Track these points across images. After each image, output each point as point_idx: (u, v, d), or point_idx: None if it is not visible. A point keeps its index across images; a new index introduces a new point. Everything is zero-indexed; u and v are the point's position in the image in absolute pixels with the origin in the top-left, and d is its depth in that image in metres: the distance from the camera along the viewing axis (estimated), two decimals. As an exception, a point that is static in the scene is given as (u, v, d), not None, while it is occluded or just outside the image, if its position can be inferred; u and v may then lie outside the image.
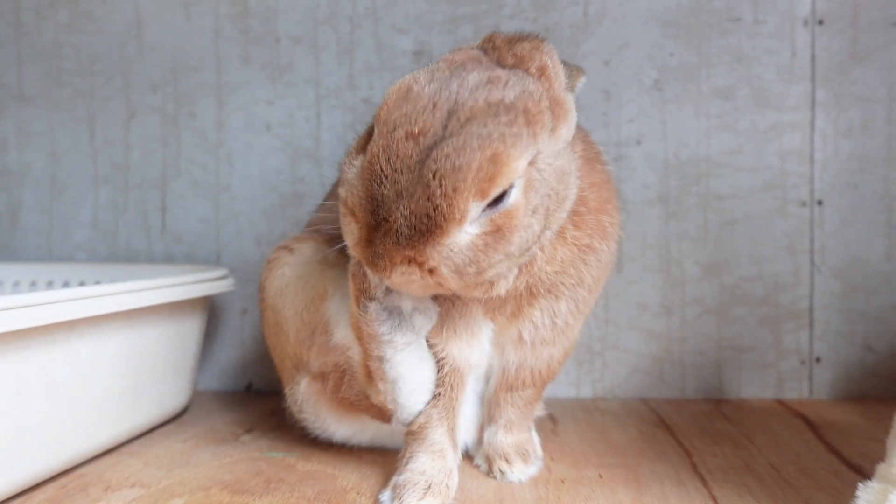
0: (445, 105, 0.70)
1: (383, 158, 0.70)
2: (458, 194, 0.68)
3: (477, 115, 0.70)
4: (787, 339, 1.39)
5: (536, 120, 0.72)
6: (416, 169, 0.69)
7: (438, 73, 0.74)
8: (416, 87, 0.73)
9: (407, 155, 0.69)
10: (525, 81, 0.74)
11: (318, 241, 1.03)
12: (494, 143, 0.68)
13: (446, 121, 0.70)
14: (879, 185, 1.37)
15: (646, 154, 1.40)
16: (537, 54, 0.77)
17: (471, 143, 0.68)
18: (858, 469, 0.98)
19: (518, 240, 0.73)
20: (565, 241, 0.84)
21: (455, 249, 0.70)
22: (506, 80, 0.73)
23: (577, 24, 1.40)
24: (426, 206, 0.68)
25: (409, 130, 0.70)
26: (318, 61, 1.44)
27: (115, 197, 1.49)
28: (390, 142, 0.70)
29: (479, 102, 0.71)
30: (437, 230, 0.68)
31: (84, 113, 1.49)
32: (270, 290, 1.02)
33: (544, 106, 0.74)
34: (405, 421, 0.91)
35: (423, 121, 0.70)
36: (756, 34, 1.38)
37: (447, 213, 0.68)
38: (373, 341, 0.86)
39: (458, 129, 0.69)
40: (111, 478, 0.96)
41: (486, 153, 0.68)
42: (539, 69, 0.76)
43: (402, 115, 0.71)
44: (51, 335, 0.89)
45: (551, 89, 0.76)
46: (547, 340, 0.93)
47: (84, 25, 1.49)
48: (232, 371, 1.48)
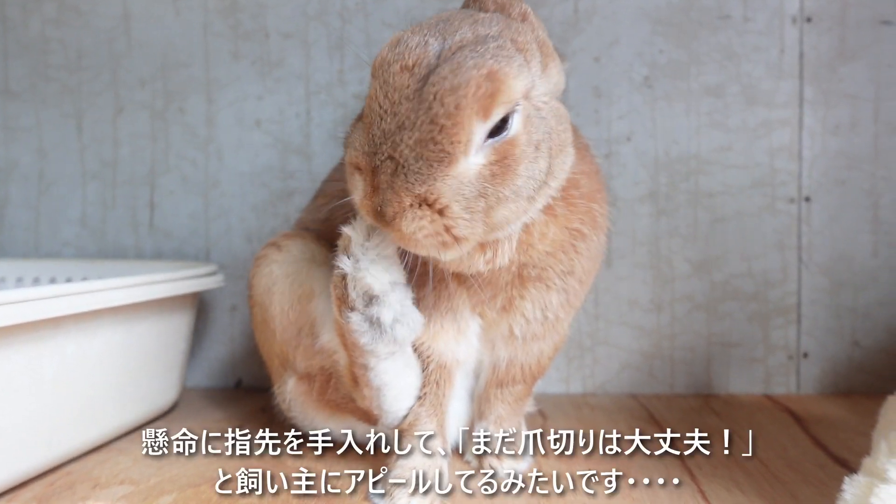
0: (436, 42, 0.73)
1: (381, 94, 0.71)
2: (460, 111, 0.68)
3: (467, 44, 0.72)
4: (775, 334, 1.40)
5: (526, 48, 0.75)
6: (414, 97, 0.70)
7: (426, 24, 0.76)
8: (405, 35, 0.75)
9: (404, 86, 0.70)
10: (508, 21, 0.77)
11: (306, 239, 1.02)
12: (489, 62, 0.70)
13: (438, 52, 0.72)
14: (866, 182, 1.38)
15: (636, 151, 1.40)
16: (517, 3, 0.80)
17: (465, 63, 0.70)
18: (844, 463, 0.99)
19: (524, 171, 0.73)
20: (556, 219, 0.84)
21: (464, 181, 0.70)
22: (490, 20, 0.76)
23: (568, 20, 1.40)
24: (430, 129, 0.68)
25: (404, 63, 0.71)
26: (308, 57, 1.44)
27: (103, 193, 1.48)
28: (386, 77, 0.72)
29: (468, 35, 0.73)
30: (444, 158, 0.69)
31: (72, 108, 1.48)
32: (258, 287, 1.01)
33: (530, 39, 0.76)
34: (390, 425, 0.91)
35: (415, 54, 0.72)
36: (745, 32, 1.38)
37: (453, 134, 0.68)
38: (356, 349, 0.85)
39: (451, 55, 0.71)
40: (99, 475, 0.96)
41: (483, 71, 0.69)
42: (521, 14, 0.79)
43: (395, 54, 0.73)
44: (37, 332, 0.88)
45: (535, 31, 0.79)
46: (538, 335, 0.93)
47: (71, 20, 1.47)
48: (221, 368, 1.48)
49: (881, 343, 1.39)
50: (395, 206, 0.69)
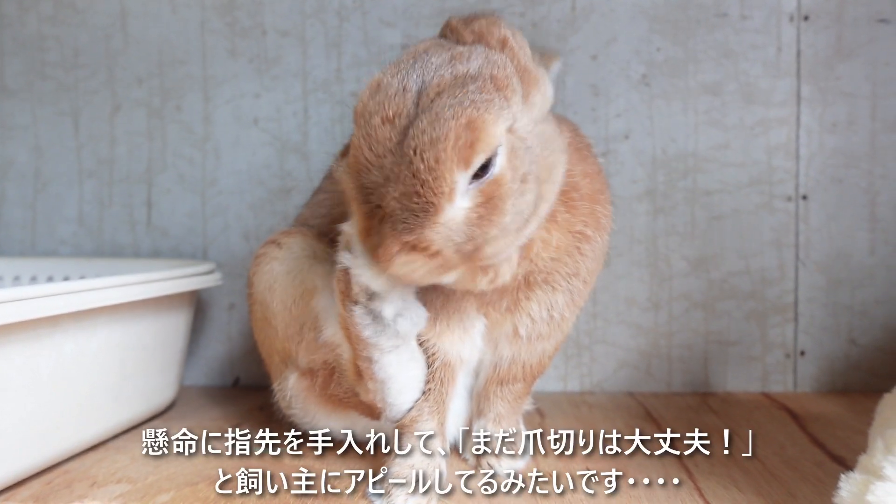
0: (414, 87, 0.72)
1: (365, 147, 0.72)
2: (441, 165, 0.68)
3: (445, 89, 0.71)
4: (772, 332, 1.40)
5: (505, 85, 0.73)
6: (396, 150, 0.70)
7: (404, 63, 0.76)
8: (384, 79, 0.75)
9: (386, 138, 0.71)
10: (487, 53, 0.76)
11: (306, 236, 1.02)
12: (467, 110, 0.69)
13: (417, 99, 0.72)
14: (863, 180, 1.39)
15: (633, 149, 1.40)
16: (495, 28, 0.78)
17: (443, 114, 0.69)
18: (841, 460, 0.99)
19: (512, 208, 0.73)
20: (558, 225, 0.85)
21: (452, 227, 0.70)
22: (468, 55, 0.75)
23: (565, 18, 1.40)
24: (413, 183, 0.69)
25: (384, 115, 0.72)
26: (305, 55, 1.44)
27: (100, 191, 1.47)
28: (368, 130, 0.72)
29: (445, 77, 0.72)
30: (430, 208, 0.69)
31: (68, 106, 1.48)
32: (259, 285, 1.01)
33: (511, 73, 0.75)
34: (395, 419, 0.91)
35: (395, 104, 0.72)
36: (742, 29, 1.39)
37: (435, 187, 0.69)
38: (360, 342, 0.85)
39: (429, 104, 0.71)
40: (97, 473, 0.95)
41: (461, 121, 0.69)
42: (500, 41, 0.77)
43: (376, 103, 0.73)
44: (35, 330, 0.88)
45: (516, 59, 0.77)
46: (543, 335, 0.93)
47: (68, 17, 1.47)
48: (219, 366, 1.48)
49: (878, 341, 1.39)
50: (387, 252, 0.71)
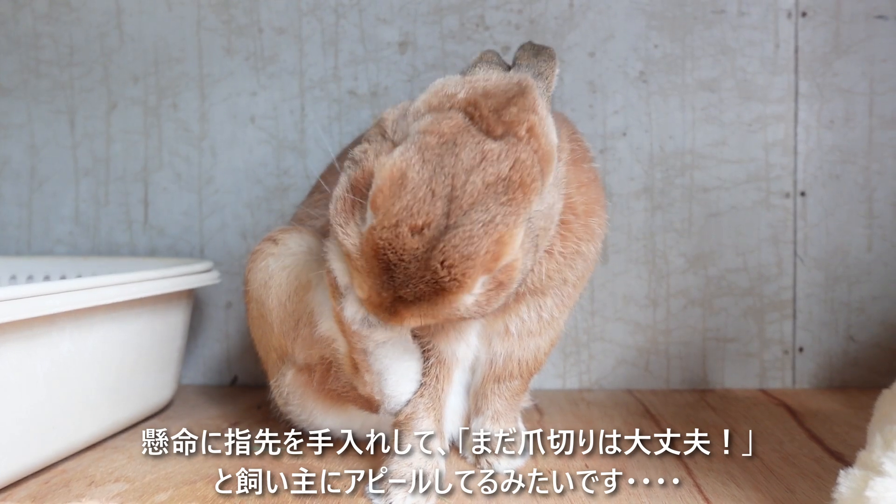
0: (444, 191, 0.71)
1: (389, 251, 0.71)
2: (467, 277, 0.71)
3: (478, 200, 0.71)
4: (770, 329, 1.40)
5: (531, 189, 0.74)
6: (422, 258, 0.71)
7: (429, 153, 0.73)
8: (410, 174, 0.72)
9: (413, 248, 0.71)
10: (517, 149, 0.74)
11: (303, 233, 1.02)
12: (499, 228, 0.71)
13: (447, 208, 0.71)
14: (861, 176, 1.39)
15: (631, 146, 1.40)
16: (525, 115, 0.76)
17: (477, 232, 0.70)
18: (840, 456, 0.99)
19: (516, 283, 0.77)
20: (552, 256, 0.87)
21: (462, 308, 0.74)
22: (499, 154, 0.73)
23: (563, 15, 1.40)
24: (435, 287, 0.71)
25: (413, 224, 0.71)
26: (302, 52, 1.43)
27: (96, 190, 1.47)
28: (394, 237, 0.71)
29: (478, 185, 0.72)
30: (444, 300, 0.72)
31: (64, 104, 1.47)
32: (254, 281, 1.01)
33: (536, 173, 0.75)
34: (393, 411, 0.91)
35: (424, 213, 0.71)
36: (740, 26, 1.38)
37: (457, 290, 0.72)
38: (354, 335, 0.86)
39: (462, 217, 0.71)
40: (95, 473, 0.95)
41: (493, 237, 0.71)
42: (528, 130, 0.76)
43: (403, 207, 0.71)
44: (32, 329, 0.88)
45: (539, 147, 0.76)
46: (533, 332, 0.94)
47: (62, 15, 1.46)
48: (217, 365, 1.47)
49: (876, 337, 1.39)
50: (397, 320, 0.74)
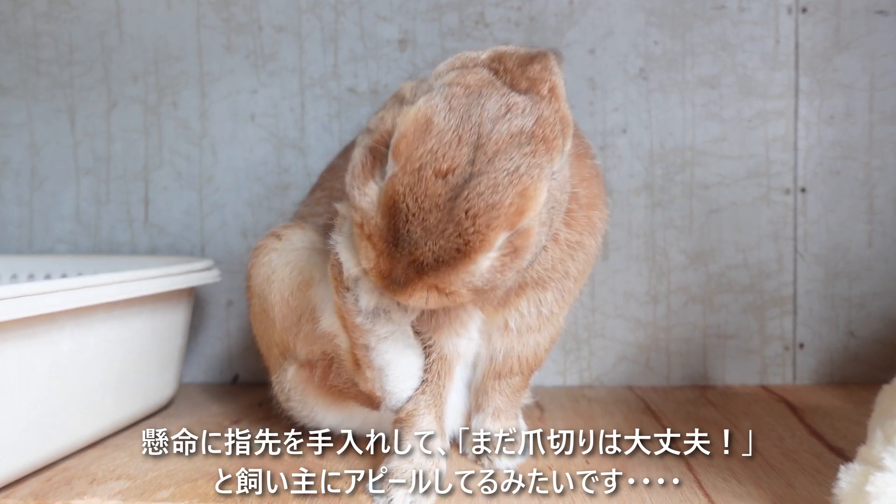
0: (470, 138, 0.71)
1: (410, 197, 0.70)
2: (490, 230, 0.70)
3: (502, 148, 0.71)
4: (771, 325, 1.40)
5: (553, 146, 0.74)
6: (445, 207, 0.70)
7: (456, 101, 0.73)
8: (436, 119, 0.72)
9: (436, 193, 0.70)
10: (540, 106, 0.75)
11: (306, 229, 1.02)
12: (523, 178, 0.71)
13: (473, 155, 0.71)
14: (861, 172, 1.39)
15: (631, 143, 1.40)
16: (547, 74, 0.78)
17: (502, 180, 0.70)
18: (840, 452, 0.99)
19: (530, 254, 0.76)
20: (557, 242, 0.86)
21: (476, 274, 0.72)
22: (523, 108, 0.74)
23: (562, 12, 1.40)
24: (457, 241, 0.70)
25: (437, 168, 0.70)
26: (302, 50, 1.43)
27: (96, 188, 1.47)
28: (417, 180, 0.70)
29: (503, 134, 0.72)
30: (465, 260, 0.70)
31: (64, 103, 1.47)
32: (257, 277, 1.01)
33: (558, 130, 0.76)
34: (394, 407, 0.91)
35: (450, 157, 0.70)
36: (740, 22, 1.38)
37: (478, 246, 0.70)
38: (356, 330, 0.86)
39: (486, 165, 0.70)
40: (96, 471, 0.95)
41: (517, 188, 0.70)
42: (550, 90, 0.77)
43: (427, 150, 0.71)
44: (32, 328, 0.88)
45: (559, 109, 0.77)
46: (533, 328, 0.94)
47: (62, 13, 1.46)
48: (218, 363, 1.47)
49: (876, 333, 1.39)
50: (406, 291, 0.72)
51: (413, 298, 0.73)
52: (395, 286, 0.72)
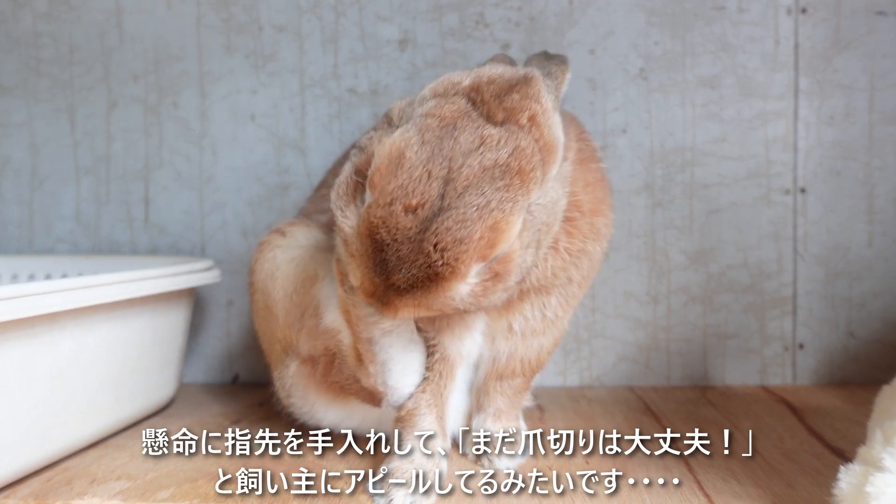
0: (440, 172, 0.71)
1: (383, 230, 0.71)
2: (460, 262, 0.70)
3: (473, 183, 0.71)
4: (771, 325, 1.40)
5: (530, 178, 0.74)
6: (416, 239, 0.70)
7: (429, 134, 0.73)
8: (408, 153, 0.72)
9: (406, 227, 0.70)
10: (517, 137, 0.74)
11: (310, 226, 1.03)
12: (494, 213, 0.71)
13: (443, 189, 0.71)
14: (861, 172, 1.39)
15: (631, 143, 1.40)
16: (527, 103, 0.76)
17: (471, 216, 0.70)
18: (840, 452, 0.99)
19: (515, 276, 0.76)
20: (557, 252, 0.86)
21: (457, 298, 0.73)
22: (497, 139, 0.73)
23: (562, 12, 1.40)
24: (428, 271, 0.70)
25: (407, 203, 0.71)
26: (302, 50, 1.43)
27: (96, 188, 1.47)
28: (388, 214, 0.71)
29: (474, 168, 0.71)
30: (438, 288, 0.71)
31: (64, 103, 1.47)
32: (260, 273, 1.01)
33: (536, 161, 0.74)
34: (396, 403, 0.91)
35: (419, 193, 0.71)
36: (740, 22, 1.38)
37: (449, 276, 0.71)
38: (361, 323, 0.86)
39: (456, 199, 0.70)
40: (97, 471, 0.95)
41: (488, 223, 0.70)
42: (530, 119, 0.76)
43: (398, 185, 0.71)
44: (33, 328, 0.88)
45: (541, 137, 0.76)
46: (537, 331, 0.94)
47: (62, 14, 1.46)
48: (218, 363, 1.47)
49: (876, 333, 1.40)
50: (390, 310, 0.73)
51: (399, 315, 0.74)
52: (380, 304, 0.73)
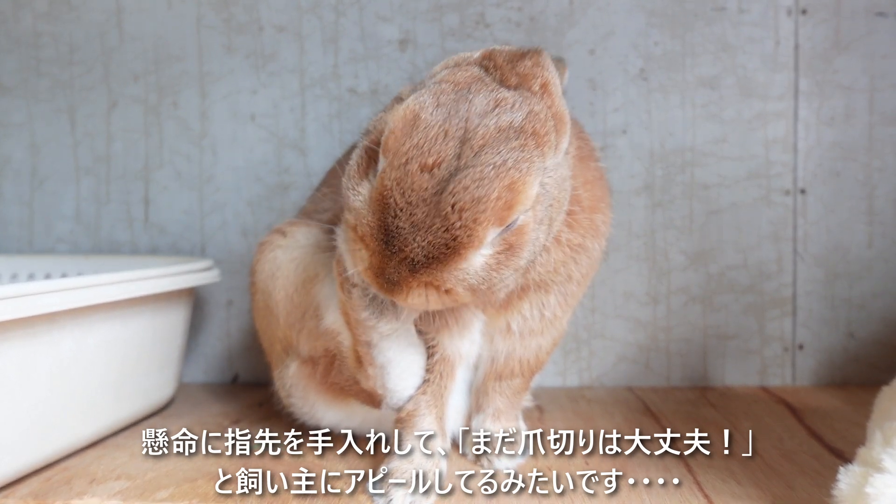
0: (456, 132, 0.71)
1: (397, 192, 0.70)
2: (478, 224, 0.69)
3: (489, 143, 0.71)
4: (770, 326, 1.40)
5: (544, 141, 0.74)
6: (432, 201, 0.69)
7: (444, 97, 0.73)
8: (423, 115, 0.72)
9: (422, 188, 0.69)
10: (530, 101, 0.75)
11: (311, 226, 1.03)
12: (511, 172, 0.70)
13: (459, 149, 0.70)
14: (861, 173, 1.39)
15: (631, 143, 1.40)
16: (539, 70, 0.77)
17: (488, 174, 0.69)
18: (840, 453, 0.99)
19: (527, 253, 0.75)
20: (559, 244, 0.86)
21: (470, 272, 0.72)
22: (512, 103, 0.74)
23: (563, 12, 1.40)
24: (444, 237, 0.69)
25: (423, 162, 0.70)
26: (302, 50, 1.43)
27: (97, 188, 1.47)
28: (404, 175, 0.70)
29: (490, 128, 0.71)
30: (455, 256, 0.70)
31: (64, 103, 1.47)
32: (261, 273, 1.01)
33: (550, 126, 0.75)
34: (395, 406, 0.91)
35: (436, 152, 0.70)
36: (740, 23, 1.38)
37: (466, 241, 0.70)
38: (360, 326, 0.86)
39: (473, 158, 0.70)
40: (96, 470, 0.95)
41: (505, 182, 0.69)
42: (542, 86, 0.77)
43: (414, 145, 0.71)
44: (33, 328, 0.88)
45: (553, 105, 0.77)
46: (535, 331, 0.94)
47: (63, 13, 1.46)
48: (218, 363, 1.48)
49: (876, 334, 1.40)
50: (402, 288, 0.71)
51: (410, 298, 0.72)
52: (389, 285, 0.71)
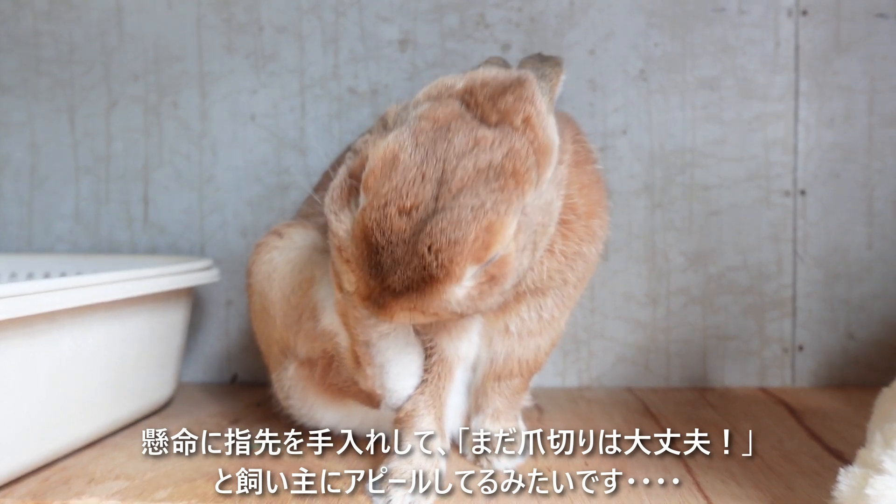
0: (434, 174, 0.71)
1: (377, 232, 0.71)
2: (454, 264, 0.70)
3: (468, 185, 0.71)
4: (770, 327, 1.40)
5: (525, 179, 0.73)
6: (410, 241, 0.70)
7: (423, 136, 0.73)
8: (402, 155, 0.72)
9: (401, 229, 0.70)
10: (511, 139, 0.74)
11: (307, 228, 1.03)
12: (489, 214, 0.70)
13: (437, 191, 0.71)
14: (860, 175, 1.39)
15: (631, 144, 1.40)
16: (521, 105, 0.76)
17: (465, 216, 0.69)
18: (839, 454, 0.99)
19: (511, 279, 0.76)
20: (553, 254, 0.86)
21: (453, 301, 0.72)
22: (492, 141, 0.73)
23: (563, 13, 1.40)
24: (422, 273, 0.70)
25: (401, 205, 0.70)
26: (302, 50, 1.43)
27: (96, 188, 1.47)
28: (382, 216, 0.71)
29: (469, 170, 0.71)
30: (435, 290, 0.71)
31: (64, 103, 1.47)
32: (258, 274, 1.01)
33: (531, 163, 0.74)
34: (394, 406, 0.91)
35: (413, 194, 0.70)
36: (740, 24, 1.38)
37: (444, 279, 0.70)
38: (357, 326, 0.86)
39: (451, 200, 0.70)
40: (95, 470, 0.95)
41: (482, 224, 0.70)
42: (524, 120, 0.76)
43: (392, 188, 0.71)
44: (32, 327, 0.88)
45: (536, 139, 0.76)
46: (533, 332, 0.94)
47: (63, 13, 1.46)
48: (217, 363, 1.47)
49: (876, 335, 1.39)
50: (387, 312, 0.73)
51: (396, 319, 0.73)
52: (376, 308, 0.73)
